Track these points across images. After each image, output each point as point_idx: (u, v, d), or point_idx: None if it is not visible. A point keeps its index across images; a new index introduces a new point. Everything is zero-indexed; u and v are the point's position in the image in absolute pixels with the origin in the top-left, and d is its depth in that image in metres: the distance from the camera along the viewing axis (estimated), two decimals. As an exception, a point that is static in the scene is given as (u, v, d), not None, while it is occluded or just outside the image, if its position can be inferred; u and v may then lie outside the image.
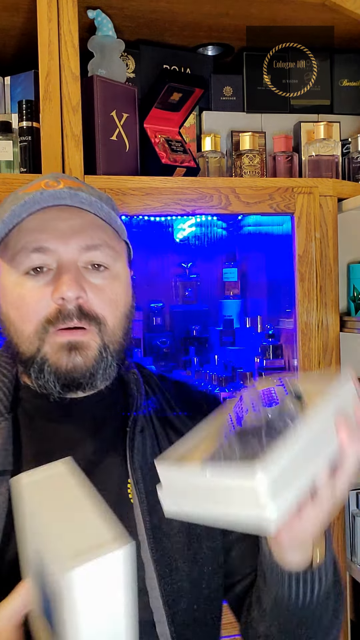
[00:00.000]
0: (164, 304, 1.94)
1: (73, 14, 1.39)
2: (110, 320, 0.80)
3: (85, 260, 0.80)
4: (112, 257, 0.82)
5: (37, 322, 0.77)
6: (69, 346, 0.77)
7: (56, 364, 0.77)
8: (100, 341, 0.79)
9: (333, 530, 1.53)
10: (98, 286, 0.80)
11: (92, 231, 0.80)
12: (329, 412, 0.62)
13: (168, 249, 1.95)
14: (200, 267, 1.99)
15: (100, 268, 0.81)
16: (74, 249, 0.79)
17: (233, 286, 1.99)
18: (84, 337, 0.78)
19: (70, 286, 0.76)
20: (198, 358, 1.85)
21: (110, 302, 0.81)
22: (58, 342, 0.77)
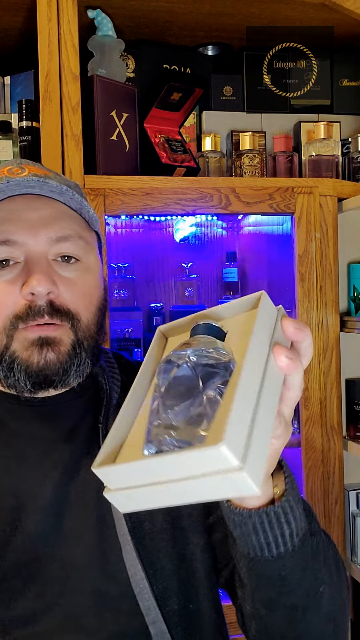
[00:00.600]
0: (164, 304, 1.94)
1: (73, 14, 1.39)
2: (83, 315, 0.77)
3: (55, 253, 0.76)
4: (84, 248, 0.78)
5: (5, 318, 0.74)
6: (40, 342, 0.74)
7: (27, 361, 0.74)
8: (73, 337, 0.76)
9: (333, 531, 1.53)
10: (70, 279, 0.76)
11: (62, 221, 0.76)
12: (261, 343, 0.55)
13: (168, 249, 1.95)
14: (200, 267, 1.98)
15: (71, 260, 0.77)
16: (43, 240, 0.75)
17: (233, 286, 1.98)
18: (56, 332, 0.74)
19: (41, 281, 0.72)
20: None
21: (83, 295, 0.77)
22: (29, 338, 0.74)
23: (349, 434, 1.60)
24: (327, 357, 1.53)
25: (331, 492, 1.53)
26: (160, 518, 0.79)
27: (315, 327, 1.52)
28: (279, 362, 0.55)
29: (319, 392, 1.52)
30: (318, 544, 0.68)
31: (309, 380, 1.52)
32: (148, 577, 0.76)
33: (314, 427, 1.51)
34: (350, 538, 1.58)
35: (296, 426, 1.59)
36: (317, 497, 1.51)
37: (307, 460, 1.51)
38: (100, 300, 0.81)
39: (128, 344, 1.76)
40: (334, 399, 1.53)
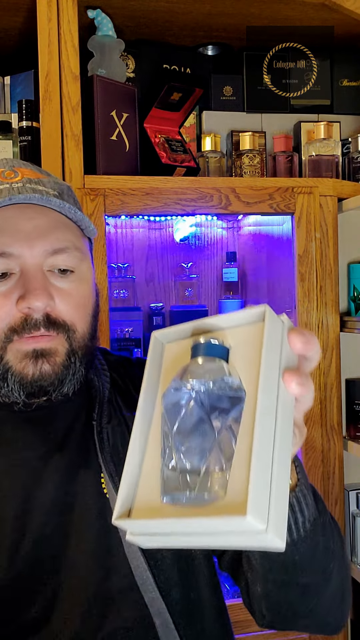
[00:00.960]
0: (164, 304, 1.94)
1: (73, 14, 1.39)
2: (79, 326, 0.77)
3: (51, 264, 0.75)
4: (79, 258, 0.77)
5: (3, 328, 0.73)
6: (34, 354, 0.73)
7: (21, 373, 0.73)
8: (68, 347, 0.75)
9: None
10: (65, 291, 0.76)
11: (58, 232, 0.76)
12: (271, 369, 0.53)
13: (168, 249, 1.95)
14: (200, 267, 1.98)
15: (66, 272, 0.76)
16: (39, 253, 0.74)
17: (233, 286, 1.98)
18: (50, 343, 0.74)
19: (39, 296, 0.72)
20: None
21: (78, 306, 0.77)
22: (23, 351, 0.73)
23: (349, 434, 1.60)
24: (327, 357, 1.53)
25: (331, 492, 1.53)
26: None
27: (315, 327, 1.52)
28: (291, 390, 0.55)
29: (319, 392, 1.52)
30: (325, 523, 0.70)
31: (309, 380, 1.51)
32: (150, 568, 0.76)
33: (314, 427, 1.51)
34: (350, 538, 1.58)
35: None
36: (317, 497, 1.51)
37: (307, 460, 1.51)
38: (94, 307, 0.81)
39: (128, 344, 1.76)
40: (334, 399, 1.53)
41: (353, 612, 1.63)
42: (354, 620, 1.63)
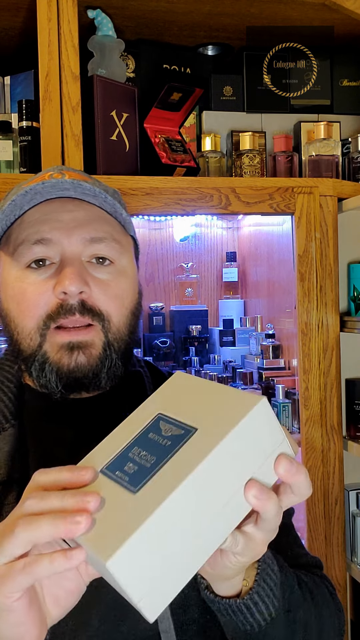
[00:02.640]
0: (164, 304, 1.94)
1: (73, 14, 1.39)
2: (115, 317, 0.77)
3: (89, 254, 0.77)
4: (118, 250, 0.79)
5: (38, 317, 0.75)
6: (70, 346, 0.74)
7: (57, 364, 0.74)
8: (104, 338, 0.76)
9: (333, 531, 1.53)
10: (103, 281, 0.77)
11: (96, 224, 0.77)
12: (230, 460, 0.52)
13: (168, 249, 1.95)
14: (200, 267, 1.98)
15: (105, 262, 0.78)
16: (77, 241, 0.76)
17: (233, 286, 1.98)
18: (87, 335, 0.75)
19: (73, 280, 0.73)
20: (198, 358, 1.85)
21: (116, 297, 0.77)
22: (59, 342, 0.74)
23: (349, 434, 1.60)
24: (327, 357, 1.53)
25: (331, 492, 1.53)
26: None
27: (315, 327, 1.52)
28: (247, 498, 0.53)
29: (319, 392, 1.52)
30: (295, 617, 0.71)
31: (309, 380, 1.52)
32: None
33: (314, 427, 1.51)
34: (350, 538, 1.58)
35: (296, 426, 1.59)
36: (317, 497, 1.51)
37: (307, 460, 1.51)
38: (134, 304, 0.81)
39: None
40: (334, 399, 1.54)
41: (353, 612, 1.63)
42: (354, 620, 1.63)
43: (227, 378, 1.76)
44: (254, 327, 1.90)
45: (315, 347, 1.52)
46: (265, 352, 1.75)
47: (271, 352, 1.74)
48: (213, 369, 1.81)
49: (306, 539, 1.51)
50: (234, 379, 1.77)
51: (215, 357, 1.87)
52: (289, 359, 1.74)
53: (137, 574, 0.48)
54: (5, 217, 0.74)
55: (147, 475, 0.53)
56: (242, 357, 1.89)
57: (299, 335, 1.52)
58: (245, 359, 1.87)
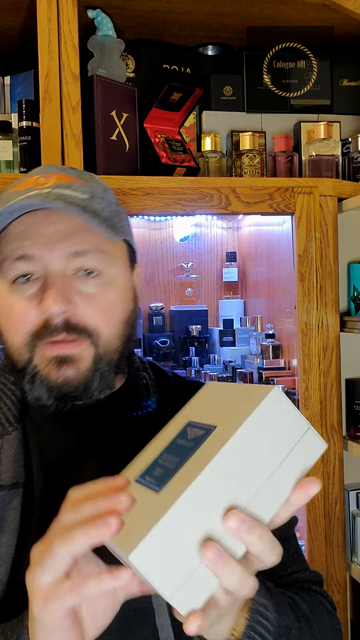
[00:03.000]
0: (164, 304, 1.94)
1: (73, 14, 1.39)
2: (104, 330, 0.75)
3: (74, 267, 0.74)
4: (105, 261, 0.76)
5: (24, 334, 0.74)
6: (58, 360, 0.73)
7: (47, 377, 0.73)
8: (93, 352, 0.74)
9: (332, 531, 1.53)
10: (89, 295, 0.74)
11: (81, 235, 0.74)
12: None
13: (168, 249, 1.95)
14: (200, 267, 1.99)
15: (91, 274, 0.75)
16: (60, 256, 0.73)
17: (233, 286, 1.98)
18: (74, 349, 0.73)
19: (55, 300, 0.71)
20: (198, 358, 1.85)
21: (104, 310, 0.75)
22: (47, 356, 0.73)
23: (349, 434, 1.60)
24: (327, 357, 1.53)
25: (331, 492, 1.53)
26: None
27: (315, 327, 1.52)
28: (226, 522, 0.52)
29: (319, 392, 1.52)
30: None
31: (309, 380, 1.52)
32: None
33: (314, 426, 1.50)
34: (350, 538, 1.58)
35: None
36: (317, 497, 1.51)
37: (307, 460, 1.51)
38: (126, 313, 0.79)
39: (128, 344, 1.76)
40: (334, 398, 1.54)
41: (353, 612, 1.63)
42: (354, 620, 1.63)
43: (227, 378, 1.76)
44: (254, 327, 1.90)
45: (315, 347, 1.52)
46: (265, 352, 1.75)
47: (271, 352, 1.74)
48: (213, 369, 1.81)
49: (306, 539, 1.52)
50: (233, 379, 1.78)
51: (215, 357, 1.87)
52: (289, 359, 1.74)
53: (163, 567, 0.49)
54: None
55: (170, 475, 0.54)
56: (242, 357, 1.89)
57: (299, 335, 1.52)
58: (245, 359, 1.87)
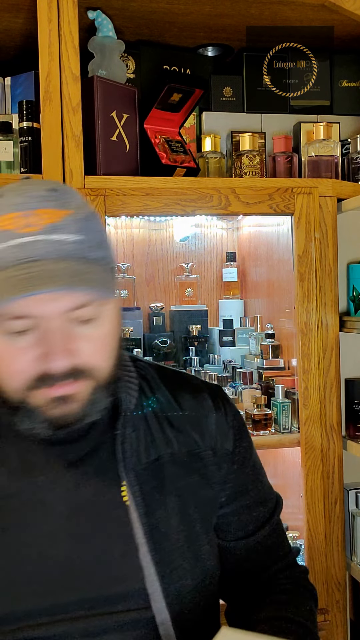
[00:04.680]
0: (164, 304, 1.94)
1: (73, 15, 1.40)
2: (101, 366, 0.75)
3: (72, 317, 0.73)
4: (102, 305, 0.75)
5: (22, 380, 0.72)
6: (61, 400, 0.73)
7: (47, 414, 0.73)
8: (94, 385, 0.75)
9: (332, 530, 1.53)
10: (87, 337, 0.73)
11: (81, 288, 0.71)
12: None
13: (168, 249, 1.95)
14: (200, 267, 1.99)
15: (89, 321, 0.74)
16: (58, 313, 0.71)
17: (233, 286, 1.99)
18: (76, 389, 0.73)
19: (60, 359, 0.70)
20: (198, 358, 1.86)
21: (102, 348, 0.75)
22: (48, 397, 0.72)
23: (348, 434, 1.60)
24: (327, 357, 1.53)
25: (331, 492, 1.53)
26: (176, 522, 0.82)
27: (314, 327, 1.52)
28: None
29: (319, 392, 1.52)
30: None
31: (309, 380, 1.52)
32: (163, 577, 0.78)
33: (314, 426, 1.52)
34: (349, 537, 1.59)
35: (296, 426, 1.59)
36: (317, 497, 1.52)
37: (307, 459, 1.52)
38: (118, 340, 0.79)
39: (128, 344, 1.76)
40: (334, 398, 1.54)
41: (353, 612, 1.64)
42: (354, 620, 1.64)
43: (227, 378, 1.77)
44: (254, 327, 1.90)
45: (314, 347, 1.52)
46: (265, 352, 1.76)
47: (271, 352, 1.75)
48: (213, 368, 1.81)
49: (306, 539, 1.52)
50: (233, 379, 1.78)
51: (215, 357, 1.87)
52: (288, 358, 1.74)
53: None
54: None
55: None
56: (242, 357, 1.89)
57: (299, 335, 1.52)
58: (245, 359, 1.88)
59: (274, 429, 1.61)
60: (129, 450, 0.81)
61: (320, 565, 1.51)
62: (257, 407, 1.61)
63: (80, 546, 0.78)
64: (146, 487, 0.81)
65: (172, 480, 0.83)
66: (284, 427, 1.59)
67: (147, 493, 0.80)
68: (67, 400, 0.73)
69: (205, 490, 0.86)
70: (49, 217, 0.71)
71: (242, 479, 0.91)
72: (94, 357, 0.74)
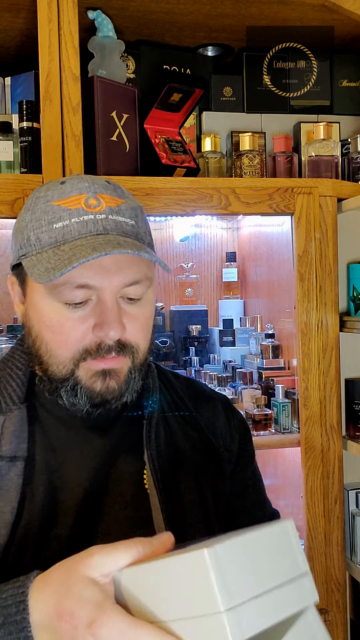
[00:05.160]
0: (164, 304, 1.94)
1: (73, 15, 1.40)
2: (142, 346, 0.83)
3: (124, 293, 0.80)
4: (148, 287, 0.83)
5: (75, 350, 0.79)
6: (103, 373, 0.79)
7: (90, 388, 0.79)
8: (131, 364, 0.81)
9: (332, 530, 1.53)
10: (133, 316, 0.81)
11: (135, 266, 0.80)
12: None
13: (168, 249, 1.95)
14: (200, 267, 1.99)
15: (136, 300, 0.82)
16: (117, 286, 0.79)
17: (233, 286, 1.99)
18: (118, 364, 0.80)
19: (116, 328, 0.77)
20: (198, 358, 1.86)
21: (143, 328, 0.83)
22: (93, 369, 0.79)
23: (348, 434, 1.60)
24: (327, 357, 1.53)
25: (331, 492, 1.53)
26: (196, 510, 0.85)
27: (314, 327, 1.52)
28: None
29: (319, 392, 1.52)
30: None
31: (309, 380, 1.52)
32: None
33: (314, 426, 1.52)
34: (350, 537, 1.59)
35: (296, 426, 1.59)
36: (317, 497, 1.52)
37: (307, 459, 1.52)
38: (154, 324, 0.87)
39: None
40: (334, 398, 1.54)
41: (353, 612, 1.64)
42: (354, 620, 1.64)
43: (227, 378, 1.77)
44: (254, 327, 1.90)
45: (314, 347, 1.52)
46: (265, 352, 1.76)
47: (271, 352, 1.75)
48: (213, 368, 1.82)
49: (306, 538, 1.52)
50: (233, 379, 1.78)
51: (215, 357, 1.87)
52: (288, 358, 1.74)
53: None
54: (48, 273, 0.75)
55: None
56: (242, 357, 1.89)
57: (299, 335, 1.52)
58: (245, 359, 1.88)
59: (274, 429, 1.61)
60: (153, 441, 0.86)
61: (320, 566, 1.51)
62: (257, 407, 1.61)
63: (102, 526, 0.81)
64: (166, 477, 0.84)
65: (189, 474, 0.87)
66: (284, 427, 1.60)
67: (166, 482, 0.84)
68: (110, 374, 0.80)
69: (218, 485, 0.90)
70: (111, 201, 0.81)
71: (244, 481, 0.96)
72: (136, 335, 0.81)
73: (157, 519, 0.82)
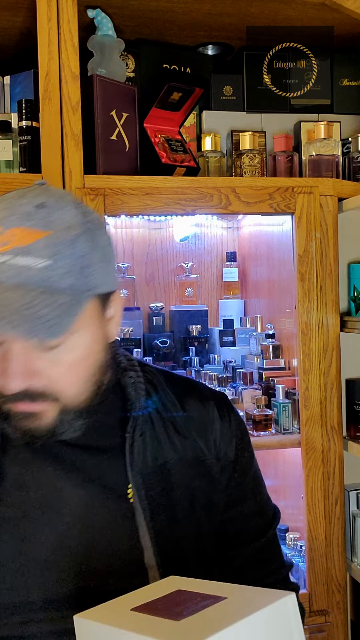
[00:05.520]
0: (164, 304, 1.94)
1: (73, 13, 1.39)
2: (68, 389, 0.74)
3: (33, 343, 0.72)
4: (70, 333, 0.73)
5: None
6: (23, 415, 0.73)
7: (17, 426, 0.74)
8: (58, 408, 0.74)
9: (333, 531, 1.53)
10: (53, 362, 0.73)
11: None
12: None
13: (168, 249, 1.95)
14: (200, 267, 1.98)
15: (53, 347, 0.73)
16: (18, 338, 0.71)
17: (233, 286, 1.98)
18: (37, 408, 0.73)
19: (14, 381, 0.70)
20: (198, 358, 1.85)
21: (69, 373, 0.74)
22: (14, 409, 0.74)
23: (349, 434, 1.60)
24: (327, 357, 1.53)
25: (331, 492, 1.53)
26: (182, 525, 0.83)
27: (315, 327, 1.52)
28: None
29: (319, 392, 1.52)
30: None
31: (309, 380, 1.51)
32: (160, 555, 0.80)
33: (314, 427, 1.51)
34: (350, 538, 1.58)
35: (296, 426, 1.59)
36: (317, 497, 1.51)
37: (308, 460, 1.51)
38: (96, 364, 0.77)
39: (128, 344, 1.76)
40: (334, 399, 1.53)
41: (353, 612, 1.63)
42: (354, 620, 1.63)
43: (227, 378, 1.76)
44: (254, 327, 1.89)
45: (315, 347, 1.52)
46: (266, 352, 1.75)
47: (271, 352, 1.74)
48: (213, 369, 1.81)
49: (306, 539, 1.51)
50: (234, 379, 1.77)
51: (215, 357, 1.86)
52: (289, 359, 1.73)
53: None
54: None
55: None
56: (242, 357, 1.89)
57: (299, 335, 1.52)
58: (245, 359, 1.87)
59: (274, 429, 1.60)
60: (137, 454, 0.82)
61: (320, 566, 1.51)
62: (258, 408, 1.60)
63: (88, 546, 0.79)
64: (152, 491, 0.81)
65: (177, 485, 0.83)
66: (285, 428, 1.59)
67: (153, 497, 0.81)
68: (32, 416, 0.73)
69: (209, 496, 0.87)
70: (20, 239, 0.69)
71: (242, 487, 0.91)
72: (57, 381, 0.73)
73: (143, 536, 0.79)
